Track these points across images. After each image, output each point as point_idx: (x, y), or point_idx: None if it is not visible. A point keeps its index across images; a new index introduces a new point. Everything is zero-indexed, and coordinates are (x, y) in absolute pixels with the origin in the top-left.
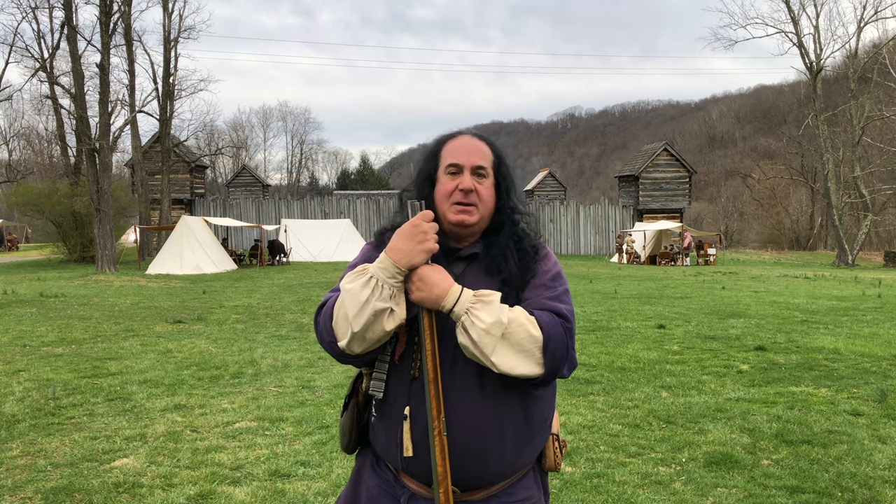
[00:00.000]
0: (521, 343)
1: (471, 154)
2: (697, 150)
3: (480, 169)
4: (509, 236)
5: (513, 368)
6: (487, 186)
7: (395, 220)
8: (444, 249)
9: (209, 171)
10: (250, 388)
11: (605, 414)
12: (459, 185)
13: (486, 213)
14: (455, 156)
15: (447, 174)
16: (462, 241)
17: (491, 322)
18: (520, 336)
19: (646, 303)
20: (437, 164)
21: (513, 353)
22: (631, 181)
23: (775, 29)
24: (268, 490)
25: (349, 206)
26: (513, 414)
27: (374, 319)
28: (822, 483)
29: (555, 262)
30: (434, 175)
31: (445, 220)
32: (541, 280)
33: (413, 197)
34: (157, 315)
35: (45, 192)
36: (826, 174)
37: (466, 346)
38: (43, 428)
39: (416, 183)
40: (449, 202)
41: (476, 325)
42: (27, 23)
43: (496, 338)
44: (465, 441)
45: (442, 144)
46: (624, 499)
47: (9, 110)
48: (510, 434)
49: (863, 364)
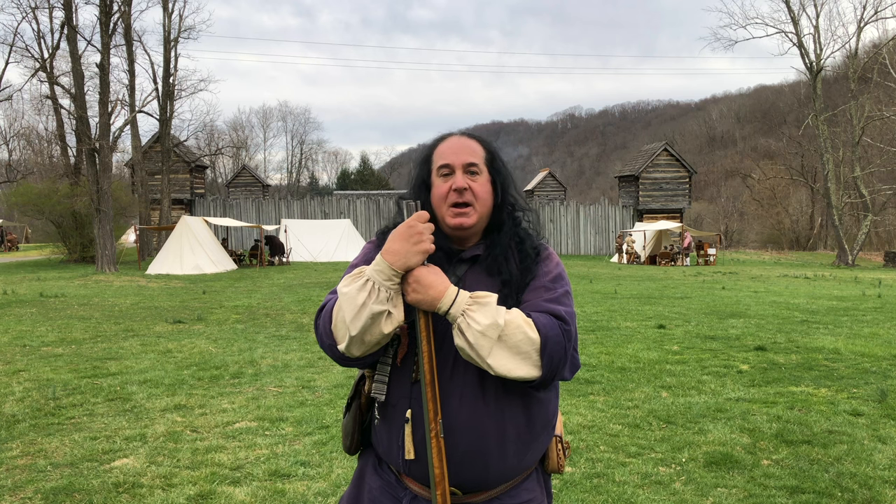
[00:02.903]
0: (518, 345)
1: (460, 153)
2: (697, 151)
3: (472, 166)
4: (511, 236)
5: (510, 371)
6: (482, 183)
7: (396, 221)
8: (446, 252)
9: (209, 171)
10: (250, 388)
11: (605, 414)
12: (453, 185)
13: (485, 210)
14: (445, 157)
15: (440, 176)
16: (464, 242)
17: (487, 324)
18: (516, 338)
19: (646, 303)
20: (429, 168)
21: (509, 356)
22: (631, 181)
23: (775, 29)
24: (268, 490)
25: (349, 207)
26: (515, 416)
27: (371, 322)
28: (822, 483)
29: (557, 262)
30: (428, 180)
31: (444, 223)
32: (541, 282)
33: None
34: (157, 315)
35: (45, 192)
36: (826, 174)
37: (462, 347)
38: (43, 428)
39: (412, 189)
40: (445, 205)
41: (472, 327)
42: (27, 23)
43: (492, 340)
44: (467, 443)
45: (433, 149)
46: (624, 499)
47: (9, 110)
48: (512, 436)
49: (863, 364)
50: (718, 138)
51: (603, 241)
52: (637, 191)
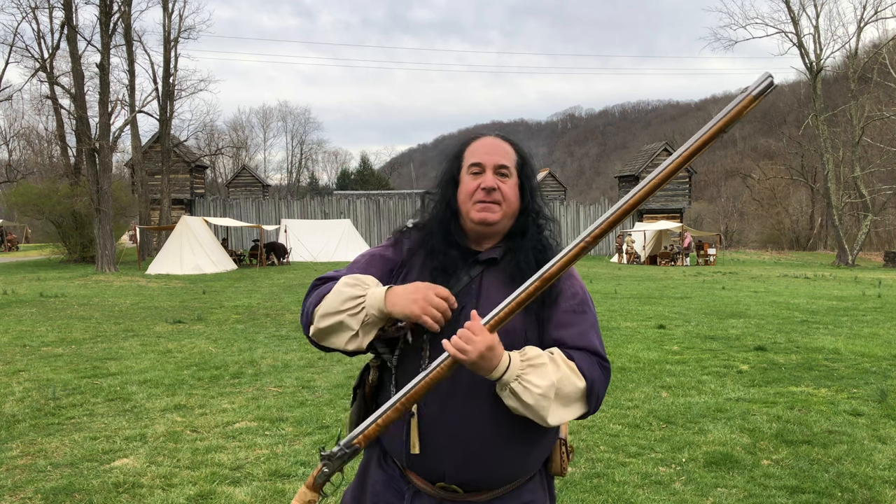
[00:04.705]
0: (569, 396)
1: (493, 153)
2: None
3: (503, 168)
4: (534, 242)
5: (562, 419)
6: (511, 186)
7: (418, 218)
8: (462, 251)
9: (209, 171)
10: (250, 388)
11: (605, 414)
12: (482, 183)
13: (510, 212)
14: (478, 155)
15: (470, 174)
16: (482, 243)
17: (546, 385)
18: (568, 390)
19: (646, 303)
20: (459, 164)
21: (563, 408)
22: (631, 181)
23: (775, 29)
24: (268, 490)
25: (349, 207)
26: (520, 418)
27: (337, 328)
28: (822, 483)
29: (580, 281)
30: (457, 176)
31: (468, 219)
32: (569, 304)
33: (436, 199)
34: (157, 315)
35: (45, 192)
36: (826, 174)
37: (517, 409)
38: (43, 428)
39: (439, 184)
40: (471, 201)
41: (531, 391)
42: (27, 23)
43: (551, 399)
44: (469, 443)
45: (465, 145)
46: (624, 499)
47: (9, 110)
48: (516, 438)
49: (863, 364)
50: (718, 138)
51: (603, 241)
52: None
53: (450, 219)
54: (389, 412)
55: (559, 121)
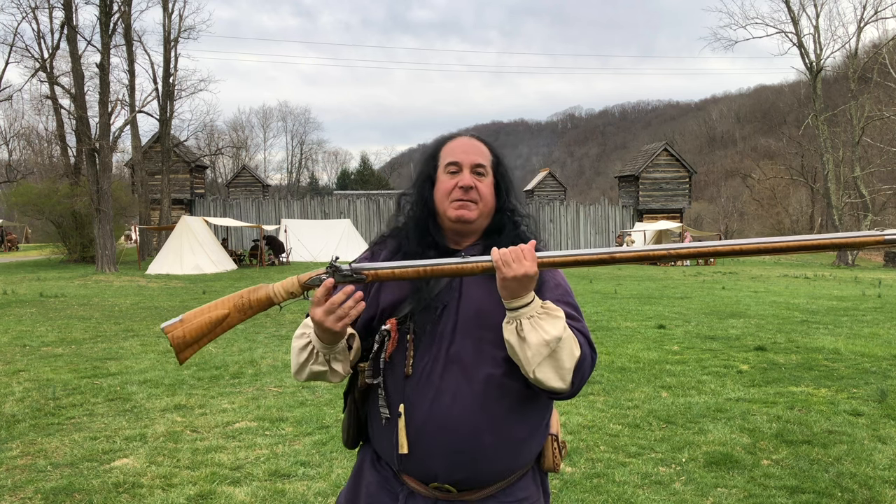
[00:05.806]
0: (562, 360)
1: (470, 153)
2: (697, 151)
3: (479, 167)
4: (511, 238)
5: (546, 381)
6: (487, 185)
7: (392, 224)
8: (440, 251)
9: (209, 171)
10: (250, 388)
11: (605, 414)
12: (459, 182)
13: (486, 210)
14: (454, 155)
15: (446, 173)
16: (460, 241)
17: (553, 336)
18: (564, 354)
19: (646, 303)
20: (436, 164)
21: (552, 368)
22: (631, 181)
23: (775, 29)
24: (268, 490)
25: (349, 207)
26: (508, 415)
27: (314, 376)
28: (822, 483)
29: (560, 273)
30: (434, 175)
31: (445, 217)
32: (553, 294)
33: (412, 199)
34: (157, 315)
35: (45, 192)
36: (826, 174)
37: (513, 347)
38: (43, 428)
39: (415, 184)
40: (449, 200)
41: (539, 333)
42: (27, 23)
43: (550, 351)
44: (460, 441)
45: (441, 145)
46: (624, 499)
47: (9, 110)
48: (506, 434)
49: (863, 364)
50: (718, 138)
51: (603, 241)
52: (637, 191)
53: (427, 218)
54: (408, 269)
55: (559, 121)
